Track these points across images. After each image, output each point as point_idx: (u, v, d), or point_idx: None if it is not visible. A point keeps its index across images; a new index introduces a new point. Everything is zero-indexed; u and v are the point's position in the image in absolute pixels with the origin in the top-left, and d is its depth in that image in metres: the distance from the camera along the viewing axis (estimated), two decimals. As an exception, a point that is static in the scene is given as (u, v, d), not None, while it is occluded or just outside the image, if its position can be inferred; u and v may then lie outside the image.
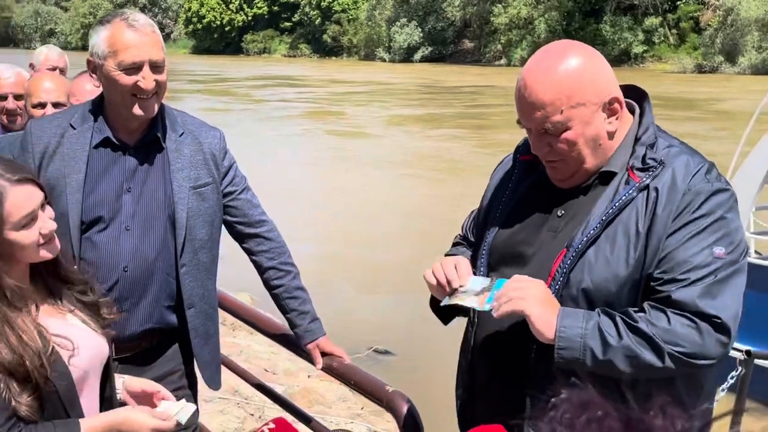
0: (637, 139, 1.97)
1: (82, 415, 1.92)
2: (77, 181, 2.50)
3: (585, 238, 1.90)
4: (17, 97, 4.08)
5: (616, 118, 1.95)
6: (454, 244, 2.39)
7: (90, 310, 2.04)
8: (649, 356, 1.79)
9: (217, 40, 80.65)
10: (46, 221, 1.89)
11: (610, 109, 1.93)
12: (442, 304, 2.06)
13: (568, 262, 1.92)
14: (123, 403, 2.11)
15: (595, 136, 1.93)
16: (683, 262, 1.82)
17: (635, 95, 2.06)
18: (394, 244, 11.38)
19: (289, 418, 2.93)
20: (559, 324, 1.84)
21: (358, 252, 11.04)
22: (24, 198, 1.84)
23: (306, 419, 3.06)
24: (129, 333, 2.55)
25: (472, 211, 2.37)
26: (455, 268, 2.05)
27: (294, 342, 2.85)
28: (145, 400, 2.09)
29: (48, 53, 5.13)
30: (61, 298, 1.99)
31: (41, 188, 1.91)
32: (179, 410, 2.04)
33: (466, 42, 61.46)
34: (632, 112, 2.04)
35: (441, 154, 19.00)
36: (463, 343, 2.24)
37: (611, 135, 1.96)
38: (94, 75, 2.54)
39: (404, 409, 2.42)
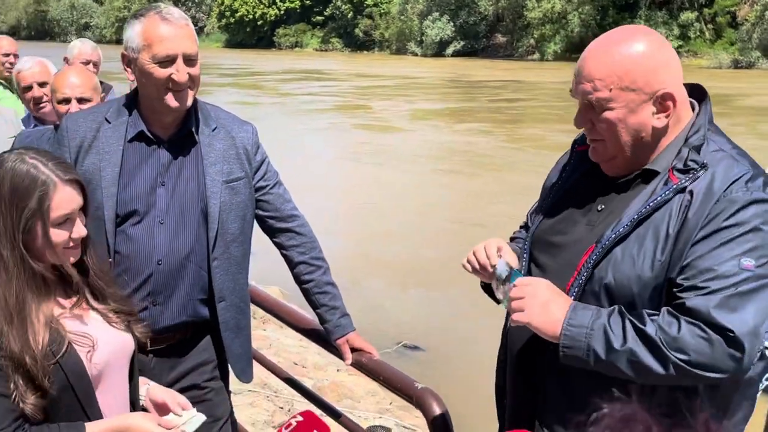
0: (686, 140, 1.92)
1: (100, 414, 1.92)
2: (112, 175, 2.53)
3: (614, 235, 1.88)
4: (42, 85, 4.14)
5: (667, 116, 1.89)
6: (521, 227, 2.41)
7: (115, 305, 2.05)
8: (652, 362, 1.75)
9: (250, 34, 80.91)
10: (80, 226, 1.93)
11: (661, 104, 1.88)
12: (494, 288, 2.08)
13: (594, 257, 1.90)
14: (145, 410, 2.11)
15: (638, 127, 1.90)
16: (706, 270, 1.76)
17: (697, 94, 2.01)
18: (423, 239, 11.35)
19: (318, 412, 2.93)
20: (566, 322, 1.84)
21: (387, 247, 11.02)
22: (68, 198, 1.89)
23: (335, 414, 3.06)
24: (163, 325, 2.58)
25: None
26: (485, 251, 2.08)
27: (324, 337, 2.86)
28: (166, 412, 2.08)
29: (82, 47, 5.19)
30: (84, 294, 2.01)
31: (84, 194, 1.95)
32: (188, 420, 2.03)
33: (498, 36, 60.88)
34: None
35: (470, 149, 18.88)
36: (503, 328, 2.25)
37: (659, 131, 1.91)
38: (128, 69, 2.57)
39: (434, 406, 2.41)
